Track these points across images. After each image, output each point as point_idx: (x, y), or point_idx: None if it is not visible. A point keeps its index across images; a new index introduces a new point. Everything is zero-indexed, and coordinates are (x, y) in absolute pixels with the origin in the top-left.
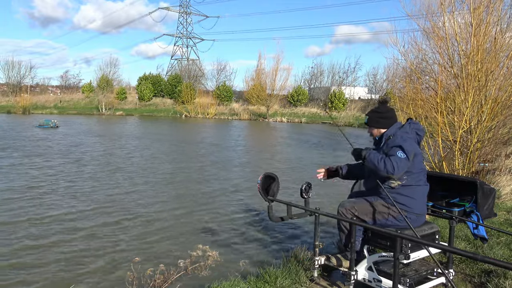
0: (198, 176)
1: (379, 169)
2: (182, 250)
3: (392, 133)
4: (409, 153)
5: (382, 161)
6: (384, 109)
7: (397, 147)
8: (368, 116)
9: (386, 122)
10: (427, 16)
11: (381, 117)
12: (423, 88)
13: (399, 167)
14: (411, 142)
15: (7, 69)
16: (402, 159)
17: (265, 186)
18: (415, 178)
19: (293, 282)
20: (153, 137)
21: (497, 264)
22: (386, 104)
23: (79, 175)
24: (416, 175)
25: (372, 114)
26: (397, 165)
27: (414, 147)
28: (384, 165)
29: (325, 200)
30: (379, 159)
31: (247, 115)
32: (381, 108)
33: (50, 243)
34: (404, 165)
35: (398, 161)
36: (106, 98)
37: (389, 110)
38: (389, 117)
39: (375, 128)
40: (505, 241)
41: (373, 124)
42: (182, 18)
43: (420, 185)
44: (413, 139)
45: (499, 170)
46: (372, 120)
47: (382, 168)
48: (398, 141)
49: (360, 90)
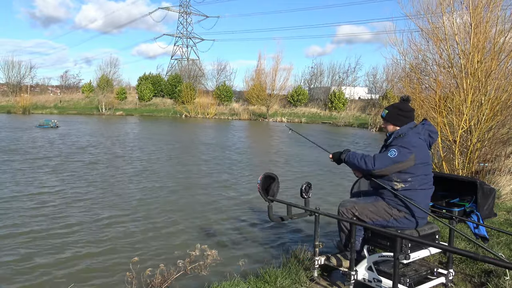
0: (197, 176)
1: (361, 168)
2: (182, 249)
3: (403, 132)
4: (404, 154)
5: (362, 160)
6: (406, 108)
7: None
8: (388, 111)
9: (404, 120)
10: (426, 16)
11: (401, 115)
12: (422, 88)
13: (381, 163)
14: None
15: (7, 69)
16: (388, 157)
17: (265, 186)
18: (420, 181)
19: (293, 282)
20: (153, 137)
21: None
22: (408, 102)
23: (79, 175)
24: (421, 177)
25: (392, 109)
26: (379, 161)
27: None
28: (365, 163)
29: (325, 201)
30: (358, 159)
31: (247, 115)
32: (403, 105)
33: (49, 243)
34: (388, 162)
35: (382, 158)
36: (106, 98)
37: (410, 110)
38: (408, 116)
39: (391, 125)
40: (505, 241)
41: (391, 120)
42: (182, 18)
43: (424, 189)
44: (424, 141)
45: (499, 170)
46: (391, 116)
47: (363, 166)
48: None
49: (360, 90)
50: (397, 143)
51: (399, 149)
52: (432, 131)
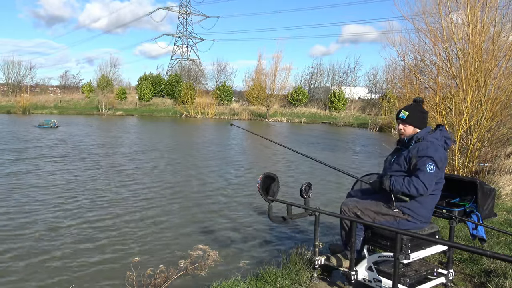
0: (197, 176)
1: (411, 194)
2: (182, 250)
3: (422, 136)
4: (440, 163)
5: (410, 185)
6: (424, 110)
7: (428, 158)
8: (409, 112)
9: (424, 122)
10: (424, 18)
11: (423, 117)
12: (421, 88)
13: (430, 184)
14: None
15: (7, 69)
16: (431, 174)
17: (265, 186)
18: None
19: (293, 282)
20: (153, 137)
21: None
22: (422, 104)
23: (78, 175)
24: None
25: (414, 110)
26: (428, 182)
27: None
28: (415, 189)
29: (325, 201)
30: (406, 185)
31: (247, 115)
32: (421, 107)
33: (49, 243)
34: (433, 178)
35: (427, 177)
36: (106, 98)
37: (426, 112)
38: (426, 118)
39: (412, 127)
40: (505, 241)
41: (413, 122)
42: (182, 18)
43: (434, 194)
44: (442, 147)
45: (499, 170)
46: (414, 118)
47: (415, 192)
48: (430, 151)
49: (360, 90)
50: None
51: (434, 160)
52: (448, 138)
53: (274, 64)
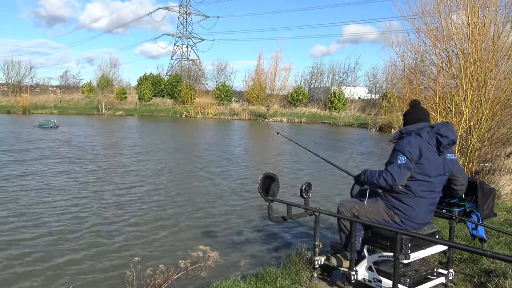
0: (198, 176)
1: (382, 186)
2: (182, 250)
3: (408, 131)
4: (410, 155)
5: (380, 178)
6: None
7: (398, 151)
8: None
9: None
10: (423, 18)
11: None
12: (421, 88)
13: (399, 175)
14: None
15: (7, 69)
16: (401, 166)
17: (265, 186)
18: (419, 186)
19: (293, 282)
20: (153, 137)
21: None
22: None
23: (78, 175)
24: (419, 183)
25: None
26: (396, 173)
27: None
28: (384, 180)
29: (325, 201)
30: (376, 177)
31: (247, 115)
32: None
33: (50, 243)
34: (404, 170)
35: (395, 169)
36: (106, 98)
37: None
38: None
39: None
40: (505, 241)
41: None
42: (182, 18)
43: (425, 198)
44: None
45: (499, 170)
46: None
47: (384, 184)
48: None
49: (360, 90)
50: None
51: (403, 152)
52: (440, 135)
53: (274, 64)
